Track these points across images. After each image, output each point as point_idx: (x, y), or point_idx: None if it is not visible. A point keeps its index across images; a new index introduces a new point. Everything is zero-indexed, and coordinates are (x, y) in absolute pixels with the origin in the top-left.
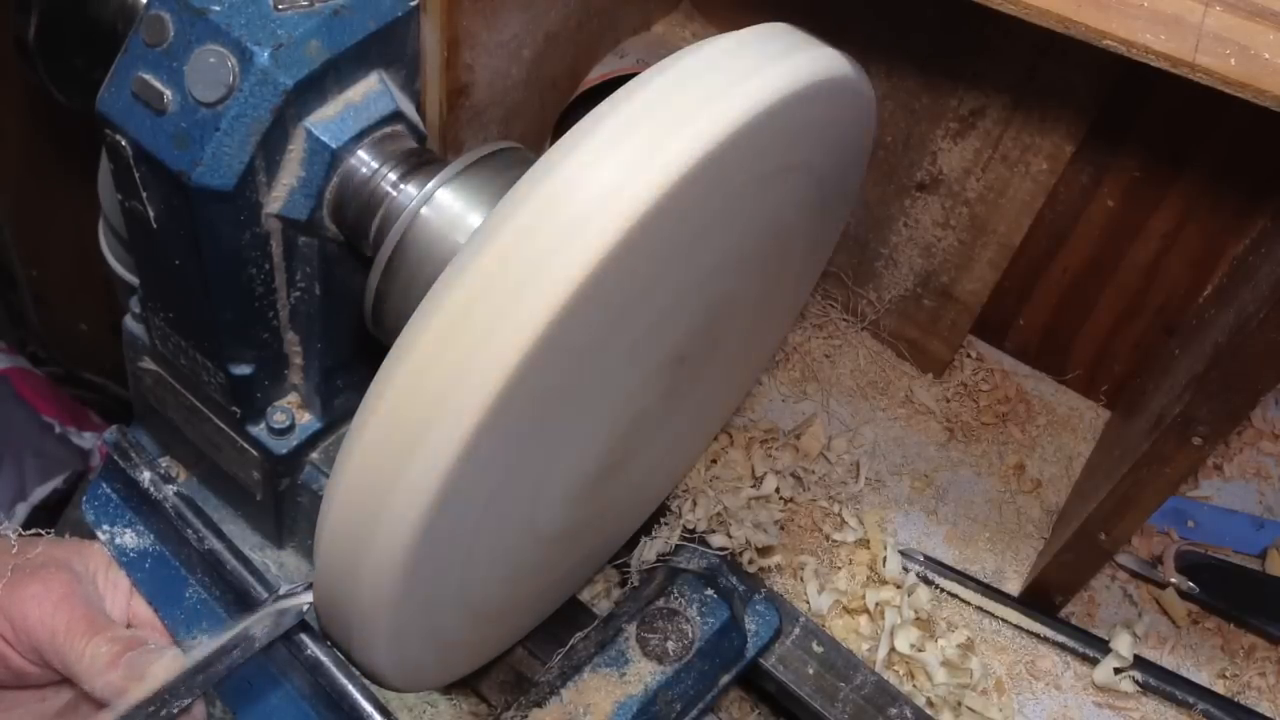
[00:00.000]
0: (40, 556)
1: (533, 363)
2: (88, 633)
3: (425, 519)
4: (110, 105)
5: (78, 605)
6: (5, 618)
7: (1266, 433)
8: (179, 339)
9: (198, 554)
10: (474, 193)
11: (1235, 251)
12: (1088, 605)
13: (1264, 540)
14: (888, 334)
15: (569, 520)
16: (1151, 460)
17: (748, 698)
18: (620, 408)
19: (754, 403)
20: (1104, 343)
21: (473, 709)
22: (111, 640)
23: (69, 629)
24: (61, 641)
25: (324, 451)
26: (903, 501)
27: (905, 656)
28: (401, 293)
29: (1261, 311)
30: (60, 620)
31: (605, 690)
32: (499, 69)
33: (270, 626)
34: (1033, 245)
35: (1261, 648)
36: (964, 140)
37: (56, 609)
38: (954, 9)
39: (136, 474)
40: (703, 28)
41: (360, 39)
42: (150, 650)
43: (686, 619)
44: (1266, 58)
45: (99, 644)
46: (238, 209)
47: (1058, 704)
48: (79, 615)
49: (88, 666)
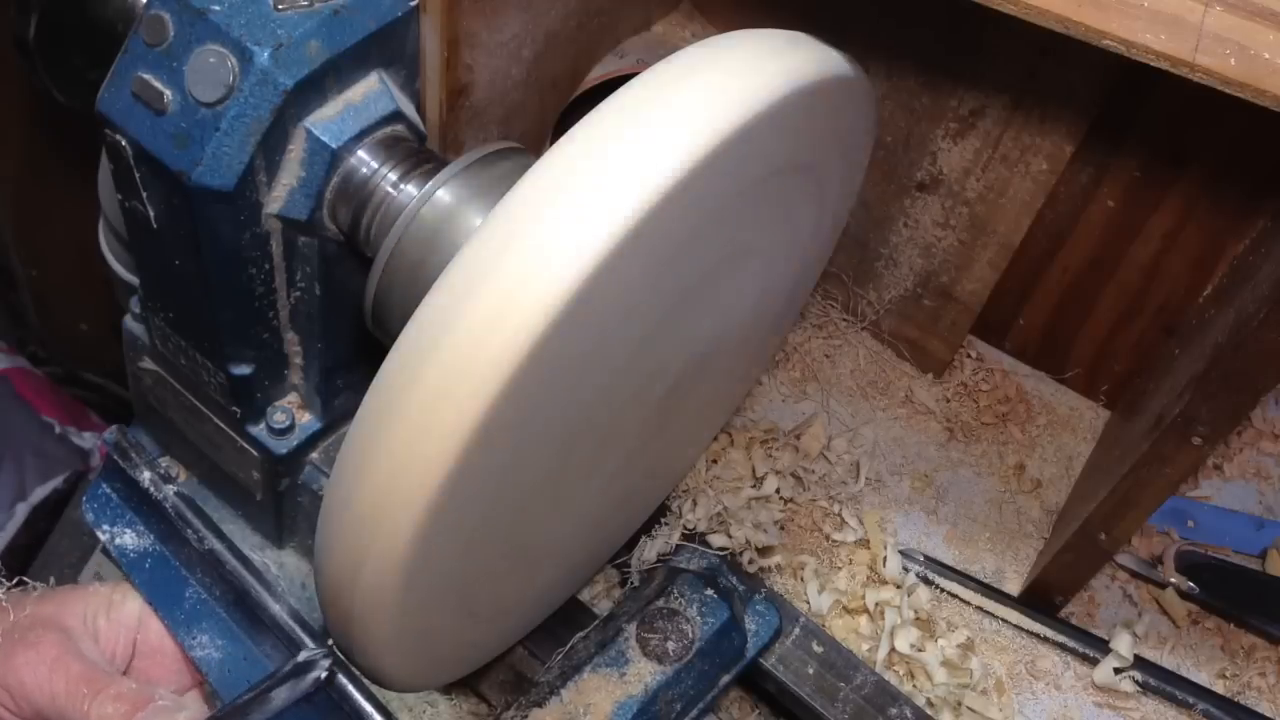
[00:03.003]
0: (27, 619)
1: (534, 362)
2: (90, 693)
3: (425, 519)
4: (110, 105)
5: (73, 664)
6: (2, 687)
7: (1266, 433)
8: (179, 339)
9: (198, 554)
10: (474, 193)
11: (1235, 251)
12: (1088, 605)
13: (1264, 540)
14: (888, 334)
15: (569, 520)
16: (1151, 460)
17: (748, 698)
18: (621, 406)
19: (754, 403)
20: (1104, 342)
21: (473, 709)
22: (116, 698)
23: (69, 691)
24: (64, 704)
25: (324, 451)
26: (903, 501)
27: (905, 656)
28: (401, 293)
29: (1261, 311)
30: (59, 683)
31: (605, 690)
32: (499, 69)
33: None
34: (1033, 245)
35: (1261, 648)
36: (964, 140)
37: (52, 672)
38: (954, 9)
39: (136, 474)
40: (703, 28)
41: (360, 39)
42: (162, 709)
43: (686, 619)
44: (1266, 58)
45: (103, 703)
46: (238, 209)
47: (1058, 704)
48: (75, 675)
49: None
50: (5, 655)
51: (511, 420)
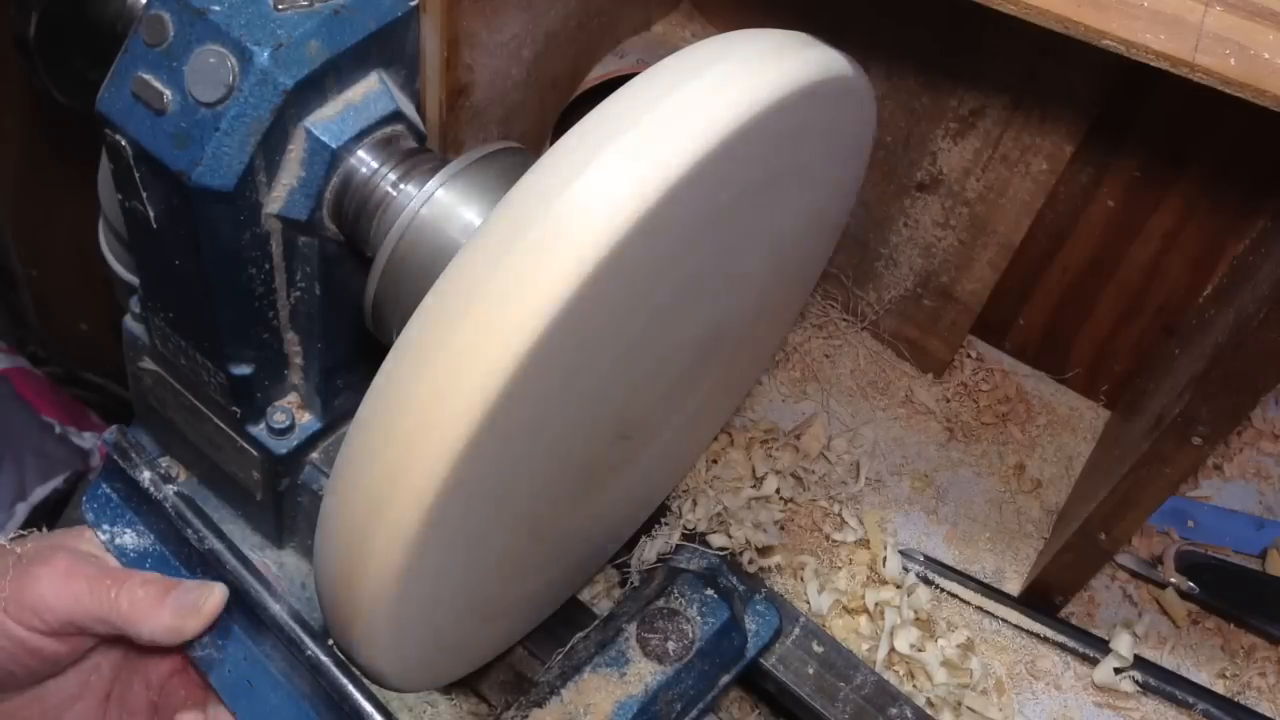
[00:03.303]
0: (31, 550)
1: (534, 362)
2: (114, 584)
3: (425, 519)
4: (110, 105)
5: (89, 567)
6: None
7: (1266, 433)
8: (179, 339)
9: (198, 554)
10: (474, 193)
11: (1235, 251)
12: (1088, 605)
13: (1264, 540)
14: (888, 334)
15: (569, 520)
16: (1151, 460)
17: (748, 698)
18: (621, 406)
19: (754, 403)
20: (1104, 343)
21: (473, 709)
22: (144, 583)
23: (92, 588)
24: (89, 601)
25: (324, 451)
26: (903, 501)
27: (905, 656)
28: (401, 293)
29: (1261, 311)
30: (80, 585)
31: (605, 690)
32: (499, 69)
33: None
34: (1033, 245)
35: (1261, 648)
36: (964, 140)
37: (69, 577)
38: (954, 9)
39: (136, 474)
40: (703, 28)
41: (360, 39)
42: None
43: (687, 619)
44: (1266, 58)
45: (133, 588)
46: (238, 209)
47: (1058, 704)
48: (95, 574)
49: (128, 612)
50: (21, 580)
51: (512, 420)
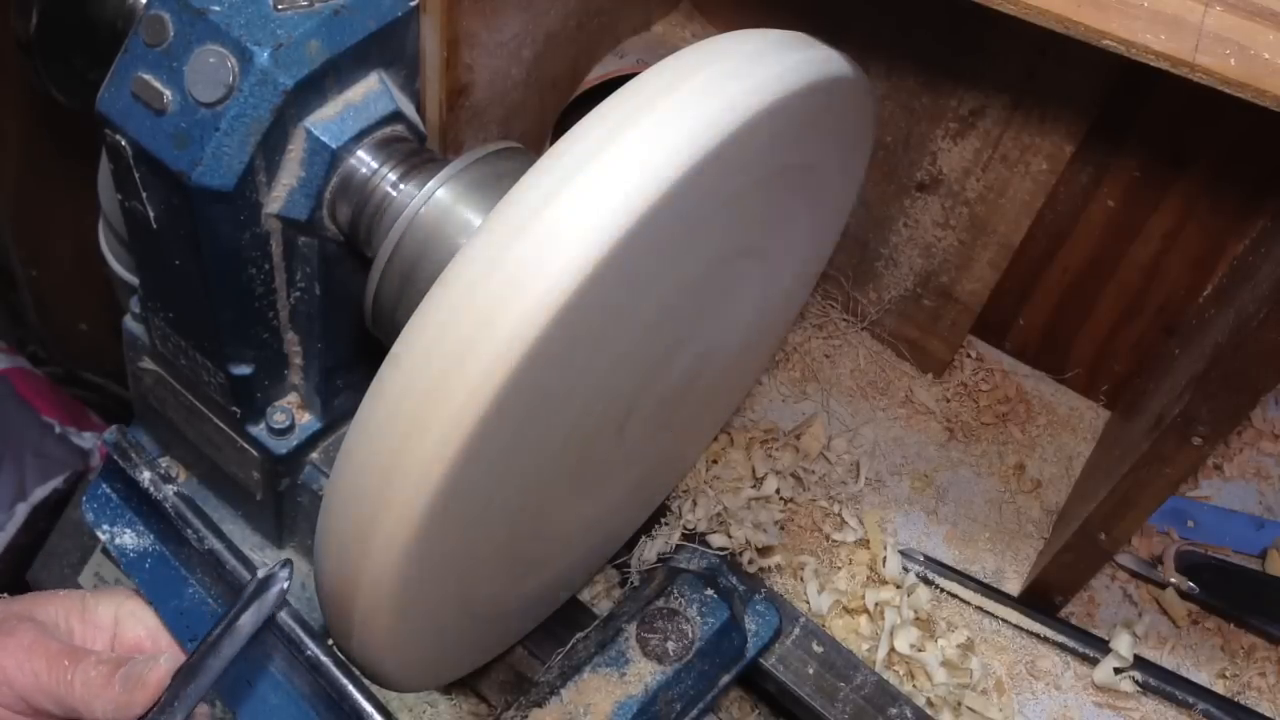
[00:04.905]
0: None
1: (533, 362)
2: (70, 664)
3: (425, 519)
4: (110, 105)
5: (50, 644)
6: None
7: (1266, 433)
8: (179, 339)
9: (198, 554)
10: (474, 193)
11: (1235, 251)
12: (1088, 605)
13: (1264, 540)
14: (888, 334)
15: (569, 520)
16: (1151, 460)
17: (748, 698)
18: (622, 404)
19: (754, 403)
20: (1104, 343)
21: (473, 709)
22: (98, 663)
23: (50, 667)
24: (46, 680)
25: (324, 451)
26: (903, 501)
27: (905, 656)
28: (401, 293)
29: (1261, 311)
30: (39, 662)
31: (605, 690)
32: (499, 69)
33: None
34: (1033, 245)
35: (1261, 648)
36: (964, 140)
37: (30, 654)
38: (954, 9)
39: (136, 474)
40: (703, 28)
41: (360, 39)
42: (142, 660)
43: (686, 619)
44: (1266, 58)
45: (86, 669)
46: (238, 209)
47: (1058, 704)
48: (55, 652)
49: (82, 693)
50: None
51: (511, 419)
